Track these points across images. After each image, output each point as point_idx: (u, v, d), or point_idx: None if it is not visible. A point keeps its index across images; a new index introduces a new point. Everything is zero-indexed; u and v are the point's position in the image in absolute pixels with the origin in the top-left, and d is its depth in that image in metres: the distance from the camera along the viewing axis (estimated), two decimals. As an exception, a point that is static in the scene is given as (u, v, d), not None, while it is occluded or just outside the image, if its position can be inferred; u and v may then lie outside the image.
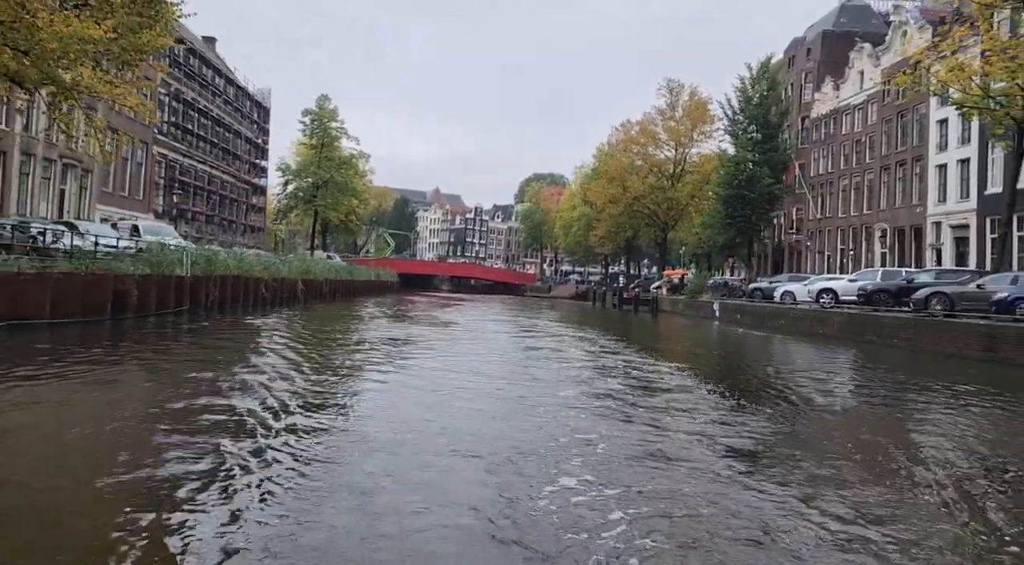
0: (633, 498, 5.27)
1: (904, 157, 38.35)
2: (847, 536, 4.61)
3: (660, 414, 8.92)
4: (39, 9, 13.33)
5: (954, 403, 10.83)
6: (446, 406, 8.81)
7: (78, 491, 4.96)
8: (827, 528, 4.74)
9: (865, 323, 22.04)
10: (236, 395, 8.76)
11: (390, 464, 5.97)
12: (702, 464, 6.38)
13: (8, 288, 12.18)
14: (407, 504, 4.89)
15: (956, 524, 5.01)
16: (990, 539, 4.71)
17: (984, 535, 4.79)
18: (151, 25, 16.35)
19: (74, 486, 5.07)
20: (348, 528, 4.42)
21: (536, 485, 5.44)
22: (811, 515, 5.01)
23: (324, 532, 4.34)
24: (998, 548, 4.56)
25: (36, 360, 10.42)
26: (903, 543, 4.53)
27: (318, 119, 55.82)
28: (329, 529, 4.39)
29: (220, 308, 22.32)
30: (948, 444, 7.84)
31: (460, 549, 4.19)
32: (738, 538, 4.53)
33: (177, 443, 6.27)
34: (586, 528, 4.54)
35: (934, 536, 4.70)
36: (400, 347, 16.25)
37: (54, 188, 35.40)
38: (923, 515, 5.16)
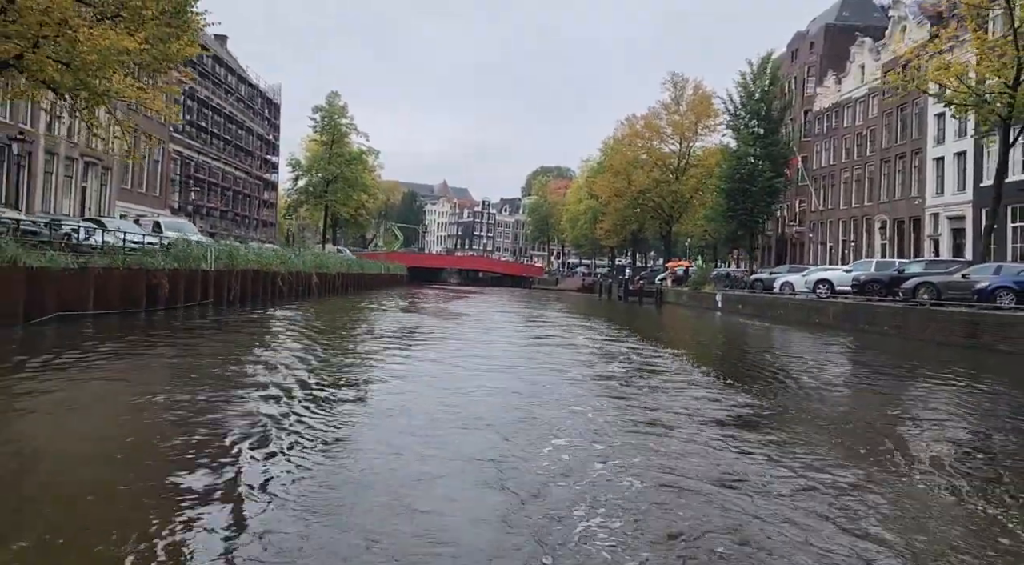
0: (618, 453, 6.30)
1: (903, 150, 39.11)
2: (807, 481, 5.61)
3: (655, 392, 9.94)
4: (80, 25, 14.39)
5: (926, 384, 11.83)
6: (459, 385, 9.86)
7: (142, 441, 6.01)
8: (794, 474, 5.75)
9: (858, 312, 22.97)
10: (271, 373, 9.84)
11: (412, 428, 7.02)
12: (687, 429, 7.40)
13: (57, 283, 13.29)
14: (427, 456, 5.94)
15: (901, 469, 6.02)
16: (942, 488, 5.71)
17: (937, 486, 5.79)
18: (179, 35, 17.42)
19: (139, 439, 6.13)
20: (379, 471, 5.46)
21: (536, 445, 6.47)
22: (781, 465, 6.02)
23: (358, 472, 5.39)
24: (944, 493, 5.56)
25: (89, 346, 11.54)
26: (858, 486, 5.53)
27: (328, 116, 56.88)
28: (361, 472, 5.43)
29: (241, 301, 23.43)
30: (913, 414, 8.84)
31: (471, 490, 5.21)
32: (712, 480, 5.54)
33: (229, 409, 7.33)
34: (572, 472, 5.58)
35: (884, 481, 5.70)
36: (414, 336, 17.34)
37: (76, 186, 36.62)
38: (879, 465, 6.16)
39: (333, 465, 5.69)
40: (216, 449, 5.93)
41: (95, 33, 14.69)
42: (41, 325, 12.80)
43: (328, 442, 6.39)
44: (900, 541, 4.34)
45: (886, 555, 4.11)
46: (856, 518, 4.71)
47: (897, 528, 4.57)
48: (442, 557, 3.91)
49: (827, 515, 4.75)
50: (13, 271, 12.09)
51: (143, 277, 16.66)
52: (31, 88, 17.45)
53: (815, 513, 4.79)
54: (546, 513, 4.62)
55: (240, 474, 5.28)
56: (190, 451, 5.86)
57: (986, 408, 9.76)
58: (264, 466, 5.50)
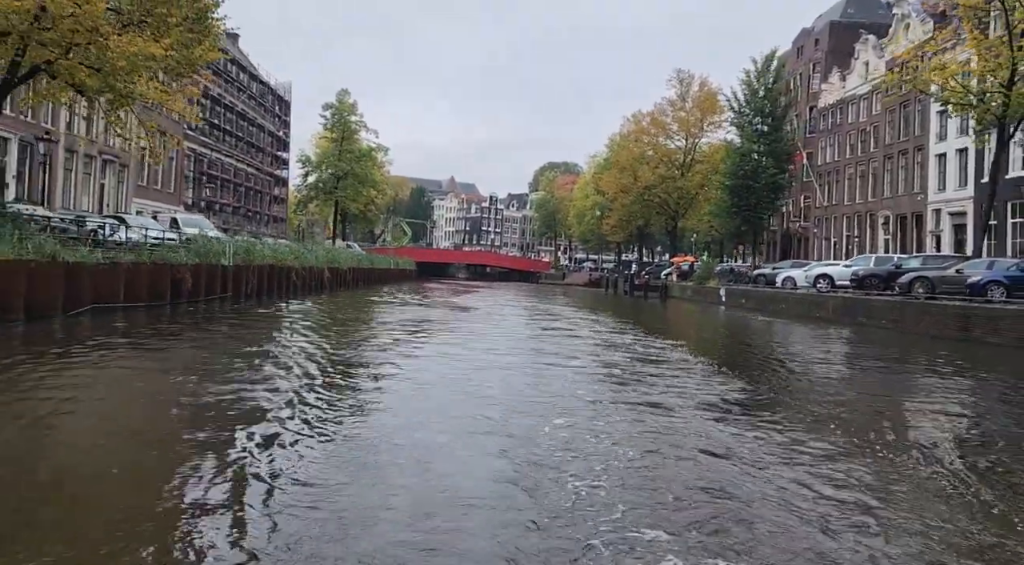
0: (613, 428, 7.04)
1: (906, 146, 39.59)
2: (787, 451, 6.32)
3: (653, 378, 10.66)
4: (110, 33, 15.17)
5: (913, 374, 12.51)
6: (470, 371, 10.61)
7: (179, 414, 6.78)
8: (776, 445, 6.47)
9: (857, 306, 23.60)
10: (296, 358, 10.63)
11: (428, 407, 7.78)
12: (679, 409, 8.12)
13: (91, 277, 14.12)
14: (442, 430, 6.69)
15: (872, 443, 6.73)
16: (914, 460, 6.42)
17: (910, 456, 6.50)
18: (200, 40, 18.19)
19: (174, 410, 6.90)
20: (399, 439, 6.21)
21: (540, 422, 7.21)
22: (763, 439, 6.73)
23: (380, 440, 6.14)
24: (918, 466, 6.27)
25: (127, 334, 12.37)
26: (832, 457, 6.24)
27: (338, 113, 57.65)
28: (384, 439, 6.19)
29: (258, 295, 24.24)
30: (894, 399, 9.55)
31: (480, 456, 5.95)
32: (697, 448, 6.27)
33: (262, 387, 8.10)
34: (570, 442, 6.33)
35: (862, 455, 6.41)
36: (425, 327, 18.12)
37: (95, 183, 37.56)
38: (858, 440, 6.87)
39: (358, 433, 6.45)
40: (254, 419, 6.69)
41: (124, 40, 15.47)
42: (77, 316, 13.64)
43: (353, 416, 7.15)
44: (854, 497, 5.06)
45: (844, 510, 4.82)
46: (827, 482, 5.42)
47: (859, 488, 5.29)
48: (453, 506, 4.66)
49: (802, 479, 5.46)
50: (53, 266, 12.93)
51: (168, 272, 17.49)
52: (59, 90, 18.35)
53: (791, 477, 5.51)
54: (544, 474, 5.36)
55: (277, 436, 6.05)
56: (229, 419, 6.63)
57: (963, 395, 10.45)
58: (296, 432, 6.25)
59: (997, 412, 9.20)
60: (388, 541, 3.99)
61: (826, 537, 4.25)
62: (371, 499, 4.73)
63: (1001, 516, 4.77)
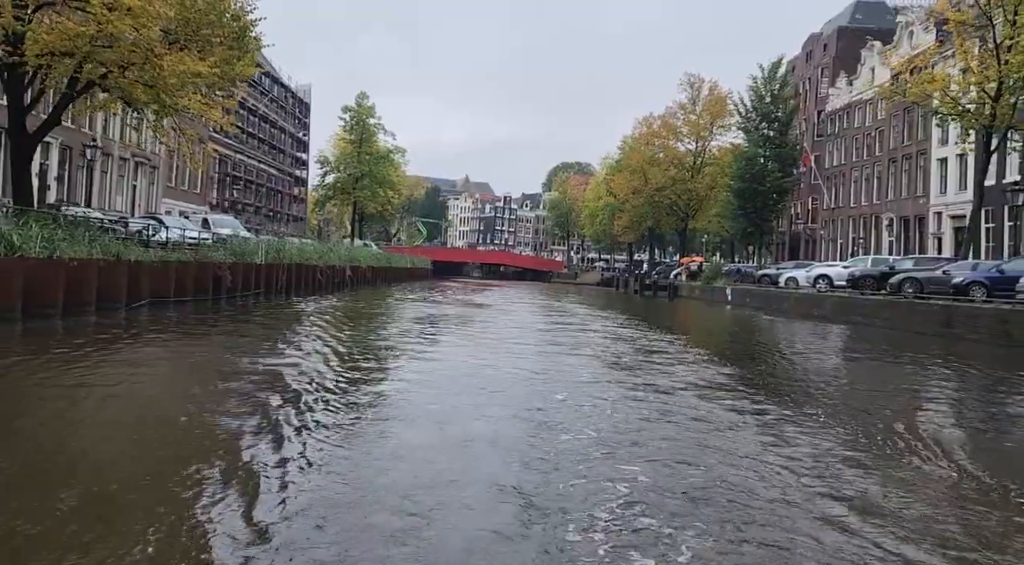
0: (610, 404, 8.51)
1: (909, 151, 40.70)
2: (756, 417, 7.76)
3: (655, 366, 12.11)
4: (163, 54, 16.79)
5: (893, 366, 13.88)
6: (487, 356, 12.11)
7: (241, 387, 8.29)
8: (752, 416, 7.90)
9: (852, 305, 24.88)
10: (331, 346, 12.17)
11: (449, 386, 9.27)
12: (669, 386, 9.57)
13: (149, 274, 15.76)
14: (464, 406, 8.17)
15: (849, 415, 8.14)
16: (886, 438, 7.84)
17: (881, 436, 7.92)
18: (240, 57, 19.82)
19: (237, 388, 8.41)
20: (419, 414, 7.70)
21: (549, 398, 8.68)
22: (741, 408, 8.16)
23: (404, 414, 7.63)
24: (887, 444, 7.69)
25: (182, 323, 13.98)
26: (805, 431, 7.66)
27: (357, 115, 59.32)
28: (408, 413, 7.68)
29: (286, 291, 25.88)
30: (872, 386, 10.95)
31: (500, 426, 7.42)
32: (682, 416, 7.71)
33: (301, 368, 9.63)
34: (583, 414, 7.79)
35: (828, 424, 7.83)
36: (444, 321, 19.65)
37: (127, 184, 39.43)
38: (829, 413, 8.29)
39: (386, 410, 7.96)
40: (291, 394, 8.18)
41: (174, 59, 17.09)
42: (137, 309, 15.27)
43: (380, 396, 8.67)
44: (808, 458, 6.49)
45: (802, 468, 6.25)
46: (788, 444, 6.84)
47: (811, 452, 6.72)
48: (478, 444, 6.14)
49: (761, 436, 6.90)
50: (118, 264, 14.55)
51: (211, 269, 19.12)
52: (110, 102, 20.08)
53: (752, 435, 6.95)
54: (548, 427, 6.84)
55: (321, 404, 7.57)
56: (273, 397, 8.11)
57: (933, 383, 11.81)
58: (330, 403, 7.77)
59: (951, 390, 10.58)
60: (426, 458, 5.48)
61: (758, 467, 5.70)
62: (420, 438, 6.24)
63: (947, 463, 6.20)
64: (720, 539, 4.14)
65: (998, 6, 21.63)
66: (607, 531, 4.20)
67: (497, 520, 4.33)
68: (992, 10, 21.77)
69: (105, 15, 15.69)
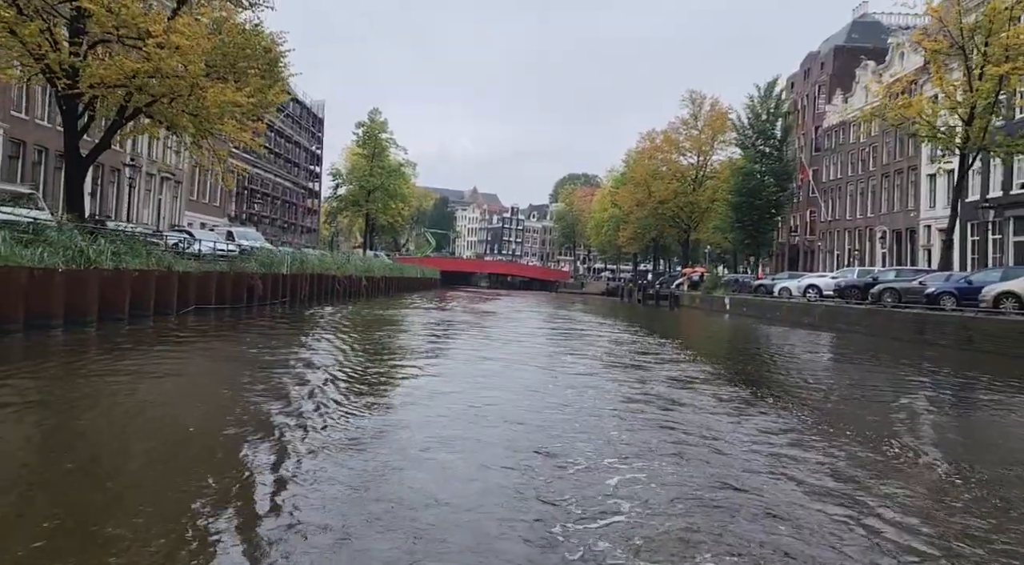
0: (601, 393, 10.26)
1: (901, 166, 42.40)
2: (723, 402, 9.48)
3: (645, 363, 13.86)
4: (207, 86, 18.73)
5: (859, 366, 15.58)
6: (497, 355, 13.88)
7: (279, 381, 10.05)
8: (719, 400, 9.63)
9: (838, 313, 26.55)
10: (357, 345, 13.96)
11: (460, 388, 11.05)
12: (657, 380, 11.31)
13: (195, 284, 17.64)
14: (473, 405, 9.94)
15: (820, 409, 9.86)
16: (856, 425, 9.56)
17: (850, 423, 9.65)
18: (272, 86, 21.78)
19: (275, 382, 10.18)
20: (437, 404, 9.46)
21: (553, 395, 10.44)
22: (714, 395, 9.90)
23: (423, 400, 9.39)
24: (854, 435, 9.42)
25: (233, 326, 15.81)
26: (764, 412, 9.39)
27: (370, 130, 61.47)
28: (431, 398, 9.44)
29: (308, 300, 27.74)
30: (837, 381, 12.68)
31: (510, 400, 9.17)
32: (661, 399, 9.44)
33: (330, 361, 11.41)
34: (595, 441, 9.55)
35: (791, 412, 9.55)
36: (457, 326, 21.44)
37: (154, 198, 41.52)
38: (790, 399, 10.02)
39: (436, 388, 9.75)
40: (327, 386, 9.99)
41: (216, 90, 19.03)
42: (185, 315, 17.13)
43: (421, 378, 10.46)
44: (779, 433, 8.22)
45: (767, 439, 7.98)
46: (741, 415, 8.58)
47: (779, 428, 8.45)
48: (491, 421, 7.90)
49: (729, 413, 8.64)
50: (170, 275, 16.43)
51: (245, 279, 20.99)
52: (150, 127, 22.07)
53: (723, 414, 8.68)
54: (550, 407, 8.60)
55: (348, 394, 9.36)
56: (306, 390, 9.89)
57: (895, 382, 13.52)
58: (359, 386, 9.55)
59: (905, 384, 12.29)
60: (449, 429, 7.25)
61: (716, 439, 7.44)
62: (430, 428, 8.02)
63: (904, 430, 7.94)
64: (689, 466, 5.90)
65: (970, 37, 23.37)
66: (611, 442, 5.97)
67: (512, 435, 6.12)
68: (965, 41, 23.50)
69: (157, 53, 17.63)
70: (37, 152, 30.96)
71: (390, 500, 4.83)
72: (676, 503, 5.02)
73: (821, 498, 5.28)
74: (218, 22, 21.10)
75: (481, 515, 4.62)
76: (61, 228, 13.96)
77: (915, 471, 6.40)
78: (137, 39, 18.37)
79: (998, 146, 23.62)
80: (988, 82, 22.65)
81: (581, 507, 4.82)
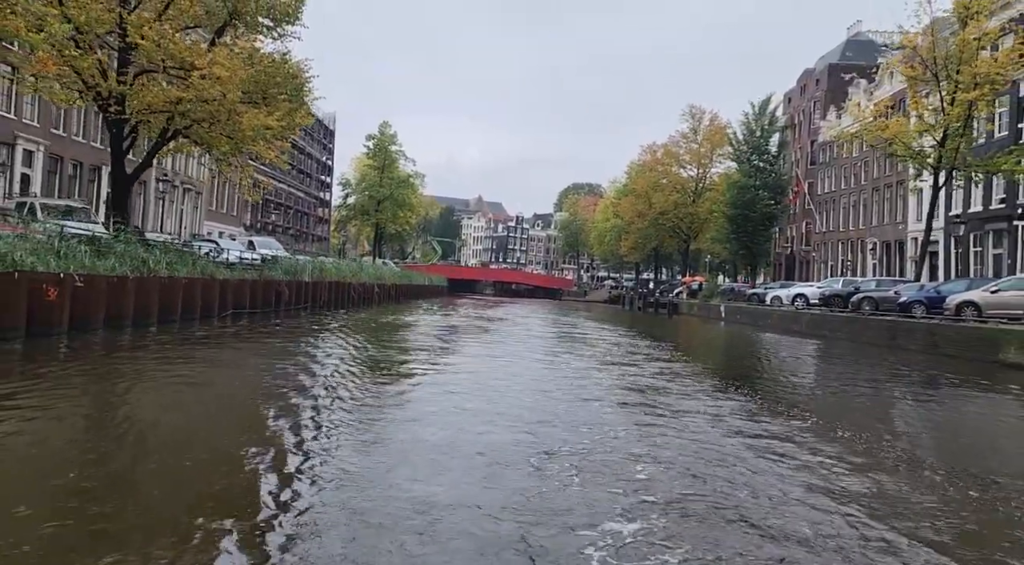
0: (596, 379, 12.14)
1: (890, 181, 44.28)
2: (696, 388, 11.36)
3: (637, 361, 15.74)
4: (243, 112, 20.74)
5: (828, 365, 17.45)
6: (502, 354, 15.78)
7: (310, 370, 11.94)
8: (694, 389, 11.50)
9: (823, 321, 28.39)
10: (378, 345, 15.88)
11: (469, 384, 12.95)
12: (644, 373, 13.19)
13: (233, 290, 19.61)
14: (480, 404, 11.84)
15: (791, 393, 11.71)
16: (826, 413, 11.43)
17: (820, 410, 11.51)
18: (298, 109, 23.80)
19: (306, 373, 12.07)
20: (444, 390, 11.35)
21: (550, 375, 12.33)
22: (690, 384, 11.77)
23: (438, 390, 11.28)
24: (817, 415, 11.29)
25: (271, 329, 17.78)
26: (730, 396, 11.27)
27: (380, 143, 63.59)
28: (445, 387, 11.33)
29: (327, 306, 29.70)
30: (810, 379, 14.56)
31: (514, 391, 11.06)
32: (641, 386, 11.33)
33: (357, 356, 13.31)
34: (585, 415, 11.44)
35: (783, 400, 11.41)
36: (466, 330, 23.36)
37: (176, 208, 43.62)
38: (747, 386, 11.87)
39: (453, 378, 11.66)
40: (355, 376, 11.90)
41: (250, 115, 21.04)
42: (224, 318, 19.10)
43: (439, 371, 12.37)
44: (745, 413, 10.09)
45: (730, 419, 9.85)
46: (713, 400, 10.45)
47: (750, 410, 10.32)
48: (499, 406, 9.79)
49: (699, 397, 10.51)
50: (213, 282, 18.40)
51: (273, 286, 22.96)
52: (187, 146, 24.13)
53: (694, 396, 10.56)
54: (550, 394, 10.49)
55: (377, 379, 11.26)
56: (333, 381, 11.83)
57: (854, 379, 15.38)
58: (381, 370, 11.45)
59: (850, 377, 14.14)
60: (462, 406, 9.14)
61: (679, 411, 9.32)
62: (452, 411, 9.93)
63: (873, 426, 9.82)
64: (660, 434, 7.79)
65: (943, 66, 25.27)
66: (601, 401, 7.86)
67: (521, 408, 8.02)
68: (938, 69, 25.41)
69: (200, 83, 19.66)
70: (73, 166, 33.09)
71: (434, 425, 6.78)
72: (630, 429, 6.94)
73: (765, 453, 7.17)
74: (250, 52, 23.14)
75: (490, 442, 6.55)
76: (128, 241, 15.89)
77: (839, 436, 8.29)
78: (180, 69, 20.44)
79: (967, 166, 25.50)
80: (958, 107, 24.54)
81: (565, 433, 6.74)
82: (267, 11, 22.14)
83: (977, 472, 6.67)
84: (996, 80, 23.90)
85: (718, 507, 5.20)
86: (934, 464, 7.05)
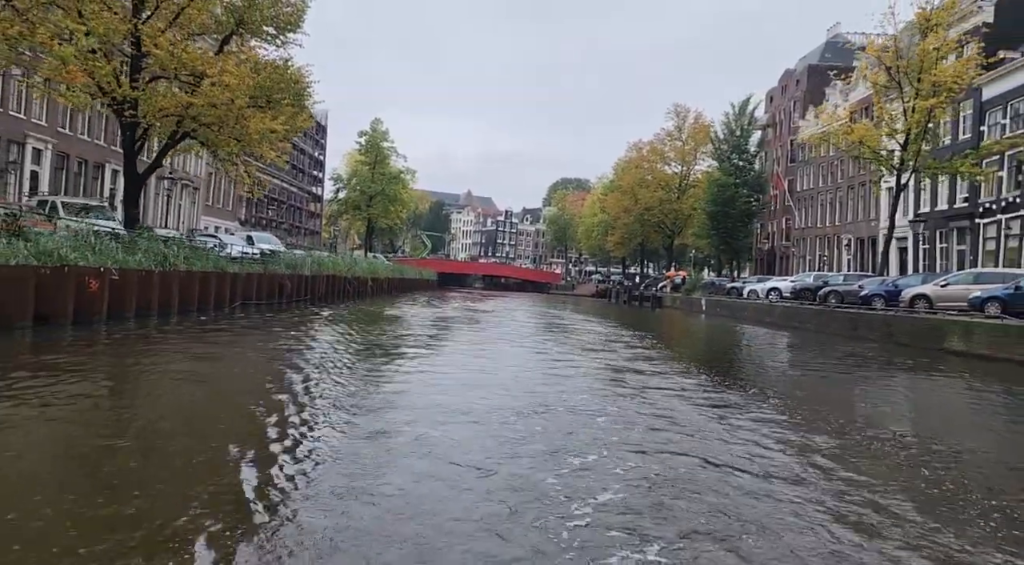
0: (574, 367, 13.75)
1: (864, 179, 46.11)
2: (669, 367, 12.98)
3: (615, 347, 17.36)
4: (250, 117, 22.17)
5: (794, 354, 19.15)
6: (493, 339, 17.36)
7: (310, 359, 13.47)
8: (670, 370, 13.12)
9: (794, 313, 30.16)
10: (382, 335, 17.42)
11: (461, 364, 14.52)
12: (620, 357, 14.80)
13: (240, 283, 21.08)
14: (466, 393, 13.41)
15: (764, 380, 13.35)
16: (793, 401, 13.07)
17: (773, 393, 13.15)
18: (300, 112, 25.24)
19: (308, 362, 13.60)
20: (436, 380, 12.92)
21: (537, 362, 13.93)
22: (663, 367, 13.40)
23: (432, 381, 12.85)
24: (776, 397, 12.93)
25: (278, 318, 19.28)
26: (697, 377, 12.90)
27: (372, 139, 64.89)
28: (438, 378, 12.90)
29: (324, 299, 31.16)
30: (767, 365, 16.25)
31: (504, 371, 12.64)
32: (620, 369, 12.94)
33: (358, 345, 14.85)
34: (560, 387, 13.03)
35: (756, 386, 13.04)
36: (459, 320, 24.92)
37: (175, 203, 44.86)
38: (713, 371, 13.51)
39: (418, 381, 13.23)
40: (356, 365, 13.44)
41: (257, 119, 22.47)
42: (233, 309, 20.58)
43: (435, 357, 13.95)
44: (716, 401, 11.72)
45: (702, 407, 11.47)
46: (676, 377, 12.07)
47: (717, 396, 11.95)
48: (490, 388, 11.38)
49: (672, 378, 12.14)
50: (224, 275, 19.87)
51: (276, 279, 24.43)
52: (193, 146, 25.52)
53: (668, 377, 12.19)
54: (536, 377, 12.08)
55: (377, 367, 12.84)
56: (335, 368, 13.37)
57: (821, 363, 17.08)
58: (381, 357, 13.03)
59: (815, 364, 15.83)
60: (458, 388, 10.72)
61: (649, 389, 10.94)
62: (438, 398, 11.50)
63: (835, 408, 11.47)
64: (630, 407, 9.40)
65: (904, 74, 27.01)
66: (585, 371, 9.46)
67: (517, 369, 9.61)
68: (900, 76, 27.15)
69: (211, 90, 21.06)
70: (78, 164, 34.34)
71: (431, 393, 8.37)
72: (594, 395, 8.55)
73: (709, 411, 8.79)
74: (255, 60, 24.51)
75: (474, 406, 8.14)
76: (151, 238, 17.33)
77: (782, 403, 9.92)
78: (191, 76, 21.83)
79: (927, 168, 27.29)
80: (919, 113, 26.30)
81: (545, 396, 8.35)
82: (272, 20, 23.55)
83: (891, 429, 8.33)
84: (952, 88, 25.65)
85: (663, 451, 6.80)
86: (847, 420, 8.72)
